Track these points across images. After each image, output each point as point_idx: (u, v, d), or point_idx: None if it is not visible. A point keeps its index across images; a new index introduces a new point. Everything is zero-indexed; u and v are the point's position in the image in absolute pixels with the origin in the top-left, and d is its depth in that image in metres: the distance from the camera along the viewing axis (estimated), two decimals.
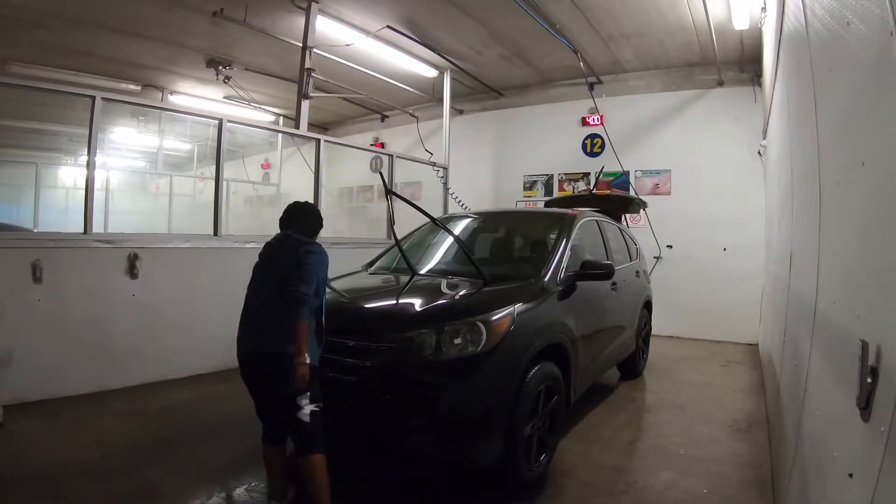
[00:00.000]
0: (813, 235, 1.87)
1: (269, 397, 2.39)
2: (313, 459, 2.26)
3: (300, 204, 2.68)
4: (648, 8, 5.78)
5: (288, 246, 2.44)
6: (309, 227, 2.56)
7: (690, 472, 2.99)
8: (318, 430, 2.28)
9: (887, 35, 0.98)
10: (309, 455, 2.26)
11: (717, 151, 7.16)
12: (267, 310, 2.34)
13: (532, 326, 2.80)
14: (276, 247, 2.51)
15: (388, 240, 5.93)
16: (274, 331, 2.25)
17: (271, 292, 2.34)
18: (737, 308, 6.85)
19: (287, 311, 2.20)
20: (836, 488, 1.31)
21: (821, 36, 1.74)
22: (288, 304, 2.20)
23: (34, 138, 10.24)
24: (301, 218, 2.58)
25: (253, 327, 2.40)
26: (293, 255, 2.35)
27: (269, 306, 2.33)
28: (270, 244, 2.55)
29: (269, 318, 2.30)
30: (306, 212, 2.62)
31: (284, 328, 2.20)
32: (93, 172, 4.15)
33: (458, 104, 9.26)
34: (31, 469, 2.76)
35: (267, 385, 2.34)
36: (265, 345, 2.29)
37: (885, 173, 1.05)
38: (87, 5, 5.88)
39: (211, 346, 4.82)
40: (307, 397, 2.25)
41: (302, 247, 2.39)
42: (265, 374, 2.32)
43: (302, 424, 2.25)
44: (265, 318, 2.33)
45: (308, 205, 2.69)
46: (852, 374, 1.10)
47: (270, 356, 2.26)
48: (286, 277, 2.27)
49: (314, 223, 2.60)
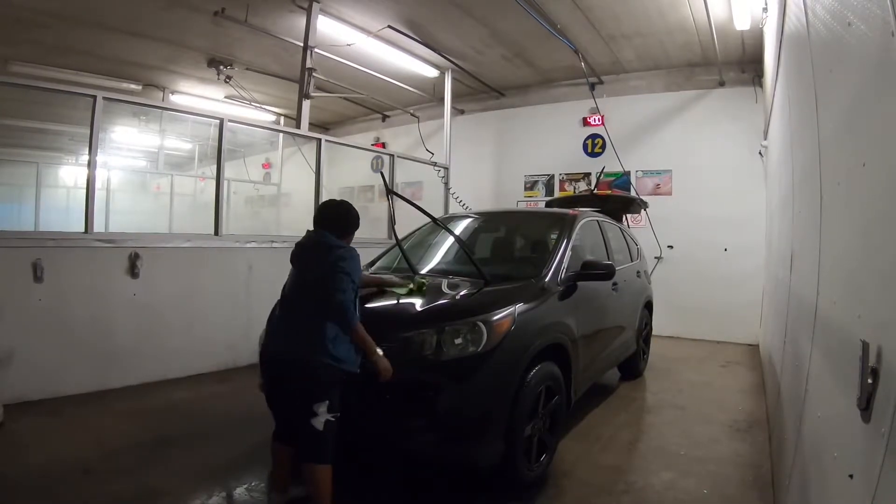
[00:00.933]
0: (814, 236, 1.87)
1: (286, 399, 2.33)
2: (319, 469, 2.21)
3: (335, 202, 2.58)
4: (649, 8, 5.78)
5: (320, 249, 2.37)
6: (343, 228, 2.47)
7: (690, 473, 2.99)
8: (329, 441, 2.21)
9: (888, 36, 0.98)
10: (315, 465, 2.21)
11: (718, 152, 7.16)
12: (297, 313, 2.32)
13: (533, 326, 2.80)
14: (309, 248, 2.43)
15: (389, 239, 5.92)
16: (302, 335, 2.24)
17: (302, 296, 2.33)
18: (737, 308, 6.85)
19: (317, 317, 2.20)
20: (837, 489, 1.31)
21: (822, 36, 1.74)
22: (326, 313, 2.20)
23: (35, 138, 10.24)
24: (335, 217, 2.49)
25: (283, 329, 2.36)
26: (325, 261, 2.30)
27: (299, 310, 2.31)
28: (302, 244, 2.46)
29: (298, 322, 2.29)
30: (341, 211, 2.52)
31: (312, 334, 2.19)
32: (94, 172, 4.16)
33: (459, 104, 9.26)
34: (32, 468, 2.76)
35: (287, 387, 2.30)
36: (292, 348, 2.25)
37: (886, 174, 1.04)
38: (88, 5, 5.88)
39: (211, 346, 4.84)
40: (325, 405, 2.18)
41: (333, 251, 2.33)
42: (288, 376, 2.27)
43: (314, 432, 2.17)
44: (294, 321, 2.31)
45: (343, 204, 2.58)
46: (853, 374, 1.10)
47: (295, 360, 2.23)
48: (319, 284, 2.25)
49: (350, 223, 2.51)
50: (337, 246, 2.36)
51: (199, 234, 5.00)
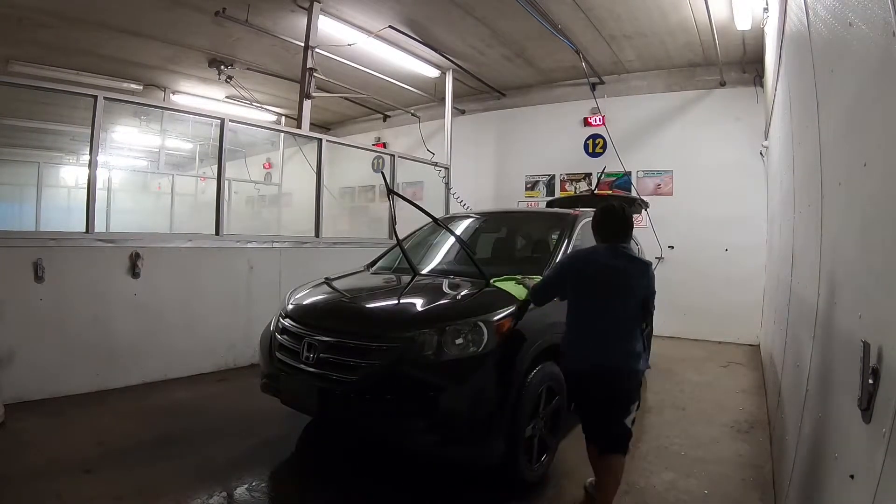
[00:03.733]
0: (815, 236, 1.87)
1: (602, 404, 2.41)
2: (622, 459, 2.42)
3: (617, 212, 2.51)
4: (651, 8, 5.77)
5: (636, 267, 2.47)
6: (630, 236, 2.54)
7: (691, 473, 2.99)
8: (631, 433, 2.44)
9: (889, 36, 0.98)
10: (620, 454, 2.40)
11: (719, 152, 7.15)
12: (611, 328, 2.38)
13: (534, 327, 2.80)
14: (621, 269, 2.41)
15: (390, 239, 5.92)
16: (620, 347, 2.36)
17: (615, 312, 2.39)
18: (738, 309, 6.84)
19: (632, 331, 2.38)
20: (838, 489, 1.31)
21: (823, 36, 1.74)
22: (642, 327, 2.45)
23: (36, 137, 10.25)
24: (627, 228, 2.51)
25: (599, 342, 2.39)
26: (644, 279, 2.45)
27: (615, 323, 2.38)
28: (608, 264, 2.41)
29: (614, 336, 2.38)
30: (629, 222, 2.52)
31: (629, 345, 2.36)
32: (95, 172, 4.16)
33: (460, 104, 9.26)
34: (33, 468, 2.76)
35: (604, 393, 2.37)
36: (615, 359, 2.35)
37: (888, 174, 1.04)
38: (89, 5, 5.89)
39: (212, 346, 4.84)
40: (636, 405, 2.43)
41: (647, 270, 2.47)
42: (609, 384, 2.35)
43: (626, 428, 2.39)
44: (611, 336, 2.38)
45: (624, 210, 2.52)
46: (854, 375, 1.10)
47: (619, 370, 2.35)
48: (642, 304, 2.45)
49: (631, 229, 2.54)
50: (646, 263, 2.52)
51: (200, 233, 4.99)
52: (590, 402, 2.44)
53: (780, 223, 3.81)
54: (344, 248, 6.08)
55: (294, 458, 3.16)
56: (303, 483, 2.82)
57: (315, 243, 5.80)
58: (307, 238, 5.83)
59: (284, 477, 2.92)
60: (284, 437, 3.34)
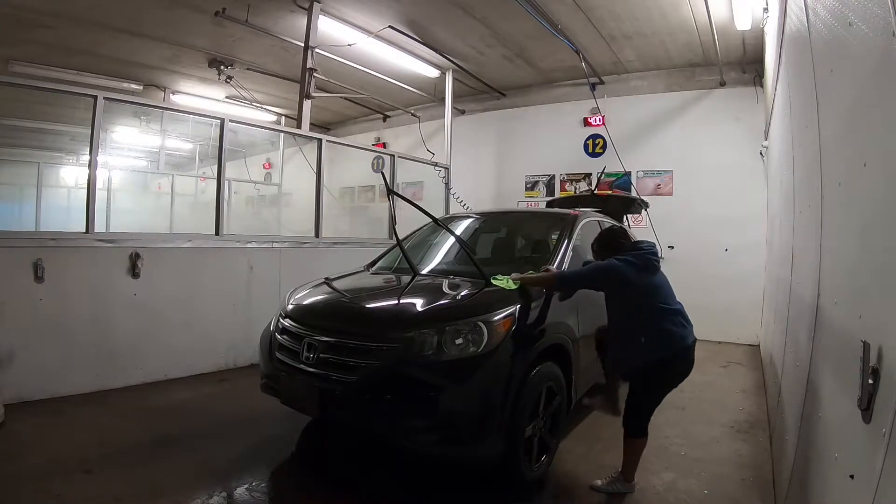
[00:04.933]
0: (815, 236, 1.87)
1: (671, 384, 2.77)
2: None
3: (606, 233, 3.14)
4: (651, 8, 5.77)
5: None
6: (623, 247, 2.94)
7: (691, 473, 2.99)
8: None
9: (889, 36, 0.98)
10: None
11: (719, 152, 7.15)
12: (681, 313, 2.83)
13: (534, 327, 2.80)
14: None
15: (390, 240, 5.92)
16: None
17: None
18: (738, 309, 6.84)
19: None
20: (838, 489, 1.31)
21: (823, 36, 1.74)
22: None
23: (36, 138, 10.26)
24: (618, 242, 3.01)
25: (680, 327, 2.75)
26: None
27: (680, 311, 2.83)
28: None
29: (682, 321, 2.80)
30: (612, 237, 3.09)
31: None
32: (94, 172, 4.15)
33: (459, 104, 9.26)
34: (32, 468, 2.76)
35: (677, 371, 2.73)
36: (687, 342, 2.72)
37: (887, 174, 1.04)
38: (89, 5, 5.89)
39: (212, 346, 4.84)
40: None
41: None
42: (691, 364, 2.74)
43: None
44: (681, 321, 2.78)
45: (607, 231, 3.22)
46: (854, 375, 1.10)
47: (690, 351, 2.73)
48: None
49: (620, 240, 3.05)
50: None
51: (200, 234, 4.99)
52: (670, 385, 2.78)
53: (780, 223, 3.81)
54: (344, 249, 6.08)
55: (294, 458, 3.16)
56: (303, 483, 2.82)
57: (315, 243, 5.80)
58: (307, 238, 5.83)
59: (284, 477, 2.91)
60: (284, 437, 3.34)
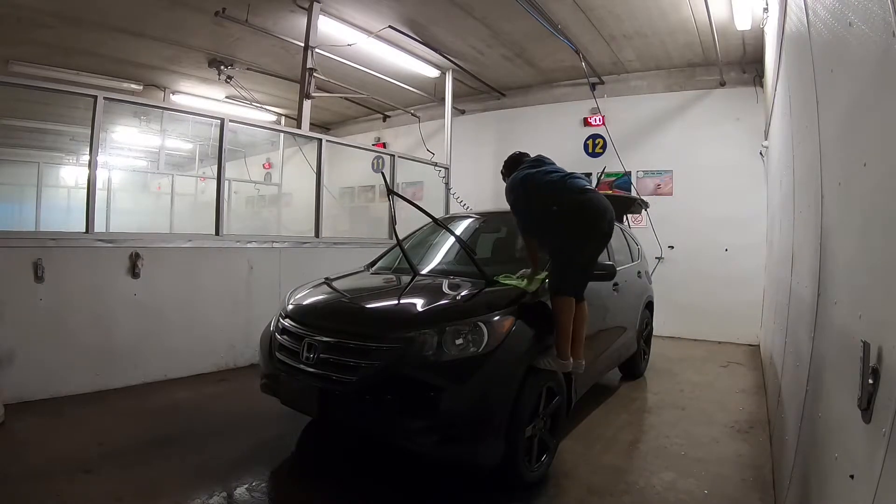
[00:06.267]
0: (814, 236, 1.87)
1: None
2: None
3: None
4: (651, 8, 5.77)
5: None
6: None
7: (691, 473, 2.99)
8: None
9: (889, 36, 0.98)
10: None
11: (719, 152, 7.15)
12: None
13: (534, 327, 2.80)
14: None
15: (390, 240, 5.92)
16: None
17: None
18: (738, 309, 6.84)
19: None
20: (838, 490, 1.31)
21: (823, 36, 1.74)
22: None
23: (36, 138, 10.25)
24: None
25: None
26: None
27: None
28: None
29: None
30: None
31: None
32: (94, 172, 4.15)
33: (459, 104, 9.26)
34: (33, 468, 2.76)
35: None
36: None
37: (887, 174, 1.04)
38: (89, 5, 5.89)
39: (212, 346, 4.84)
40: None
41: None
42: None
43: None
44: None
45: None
46: (854, 375, 1.10)
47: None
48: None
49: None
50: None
51: (200, 233, 4.99)
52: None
53: (780, 223, 3.81)
54: (344, 249, 6.08)
55: (294, 458, 3.16)
56: (303, 483, 2.82)
57: (315, 243, 5.80)
58: (307, 238, 5.83)
59: (284, 477, 2.91)
60: (284, 437, 3.34)
